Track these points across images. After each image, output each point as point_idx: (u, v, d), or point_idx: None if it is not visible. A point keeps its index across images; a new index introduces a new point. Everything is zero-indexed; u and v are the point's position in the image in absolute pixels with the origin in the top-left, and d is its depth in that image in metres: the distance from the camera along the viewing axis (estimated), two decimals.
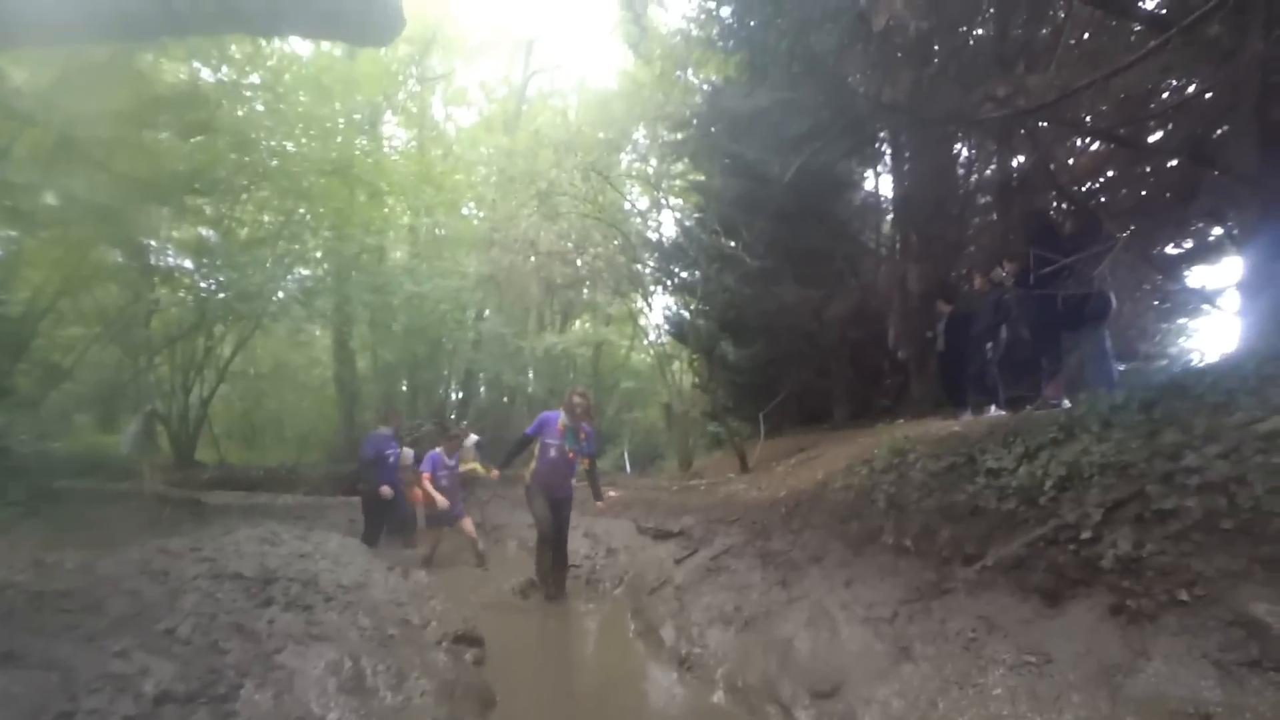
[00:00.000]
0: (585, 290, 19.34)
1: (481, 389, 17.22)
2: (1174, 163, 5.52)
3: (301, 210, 11.29)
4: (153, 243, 10.09)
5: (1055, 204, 6.51)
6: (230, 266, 10.01)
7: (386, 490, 6.91)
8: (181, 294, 11.17)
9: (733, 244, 10.98)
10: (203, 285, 10.72)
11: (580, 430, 5.37)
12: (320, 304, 12.06)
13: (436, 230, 16.44)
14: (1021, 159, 6.99)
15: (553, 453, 5.30)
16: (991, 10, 5.06)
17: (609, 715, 2.97)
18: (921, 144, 7.88)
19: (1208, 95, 4.71)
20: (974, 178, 8.42)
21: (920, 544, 3.40)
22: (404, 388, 16.92)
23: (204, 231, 11.00)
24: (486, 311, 15.94)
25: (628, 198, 15.97)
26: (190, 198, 9.46)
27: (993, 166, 7.90)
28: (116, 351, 11.29)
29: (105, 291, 10.45)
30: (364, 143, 13.14)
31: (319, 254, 11.92)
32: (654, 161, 15.58)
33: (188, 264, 10.74)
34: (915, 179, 8.57)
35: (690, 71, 11.64)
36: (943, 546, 3.23)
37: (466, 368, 16.12)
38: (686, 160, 13.39)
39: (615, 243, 15.44)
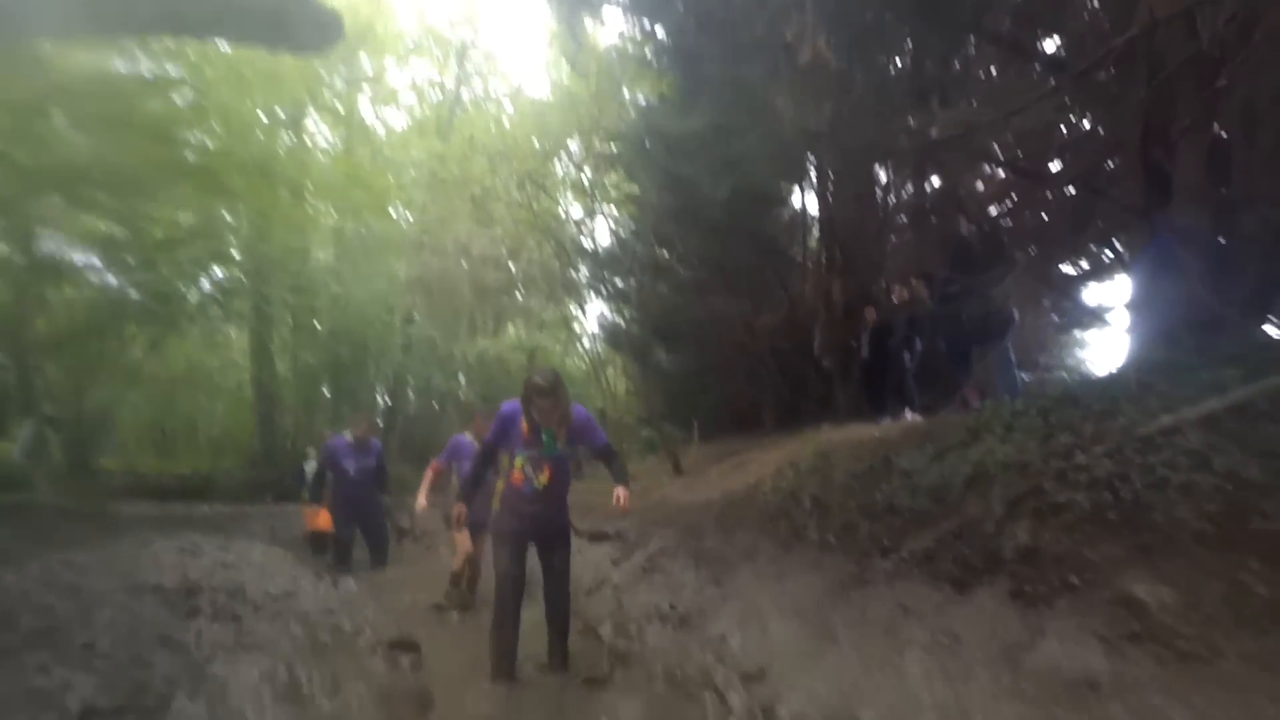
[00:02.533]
0: (519, 296, 19.23)
1: (410, 394, 16.81)
2: (1071, 190, 6.07)
3: (221, 209, 10.77)
4: (43, 236, 9.41)
5: (966, 226, 7.03)
6: (143, 265, 9.45)
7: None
8: (80, 292, 10.46)
9: (667, 254, 11.24)
10: (111, 283, 10.07)
11: (561, 426, 3.25)
12: (238, 304, 11.53)
13: (363, 232, 16.01)
14: (935, 182, 7.52)
15: (525, 469, 3.27)
16: (908, 50, 5.46)
17: (552, 711, 3.03)
18: (844, 167, 8.32)
19: (1100, 132, 5.23)
20: (892, 199, 8.95)
21: (842, 540, 3.63)
22: (326, 392, 16.34)
23: (109, 228, 10.32)
24: (415, 315, 15.61)
25: (562, 205, 16.06)
26: (92, 191, 8.86)
27: (909, 189, 8.43)
28: None
29: None
30: (288, 140, 12.67)
31: (238, 255, 11.38)
32: (589, 171, 15.72)
33: (92, 260, 10.07)
34: (839, 199, 9.02)
35: (626, 88, 11.87)
36: (863, 541, 3.46)
37: (395, 373, 15.72)
38: (621, 172, 13.58)
39: (550, 249, 15.49)
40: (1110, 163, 5.53)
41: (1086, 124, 5.59)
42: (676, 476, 8.26)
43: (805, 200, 10.71)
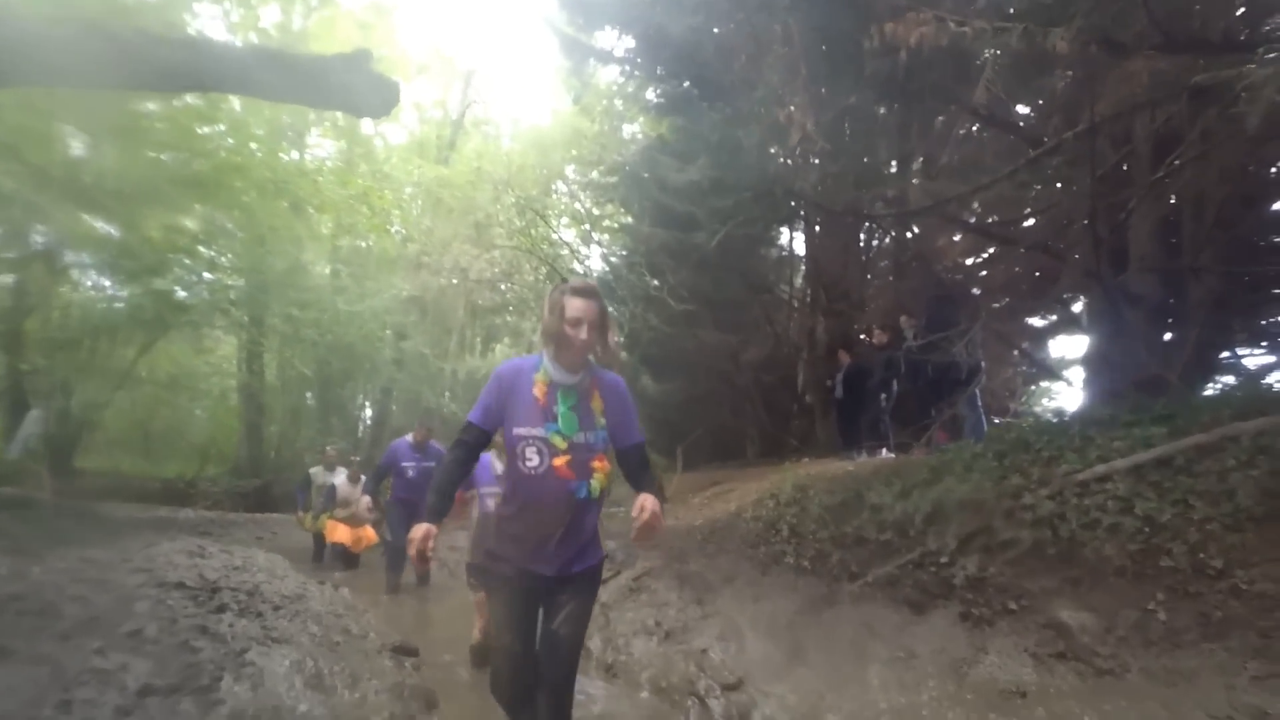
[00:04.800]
0: (509, 317, 19.56)
1: (394, 408, 16.99)
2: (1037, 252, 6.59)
3: (228, 220, 11.03)
4: (42, 234, 9.58)
5: (941, 277, 7.53)
6: (142, 269, 9.65)
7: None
8: (75, 291, 10.63)
9: (658, 285, 11.66)
10: (106, 285, 10.27)
11: (589, 394, 2.12)
12: (238, 314, 11.75)
13: (362, 248, 16.30)
14: (915, 233, 8.04)
15: (531, 463, 2.03)
16: (890, 124, 5.97)
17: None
18: (830, 217, 8.84)
19: (1062, 202, 5.76)
20: (875, 245, 9.47)
21: (816, 566, 4.00)
22: (310, 401, 16.45)
23: (109, 229, 10.51)
24: (407, 332, 15.88)
25: (557, 231, 16.50)
26: (94, 191, 9.04)
27: (890, 238, 8.96)
28: None
29: None
30: (296, 156, 12.97)
31: (239, 264, 11.61)
32: (586, 199, 16.21)
33: (87, 261, 10.26)
34: (824, 244, 9.53)
35: (626, 125, 12.40)
36: (834, 568, 3.83)
37: (383, 386, 15.92)
38: (618, 203, 14.02)
39: (544, 273, 15.88)
40: (1070, 229, 6.05)
41: (1049, 194, 6.13)
42: (661, 503, 8.55)
43: (793, 240, 11.24)
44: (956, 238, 7.67)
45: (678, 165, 6.88)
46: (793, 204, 6.30)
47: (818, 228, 9.57)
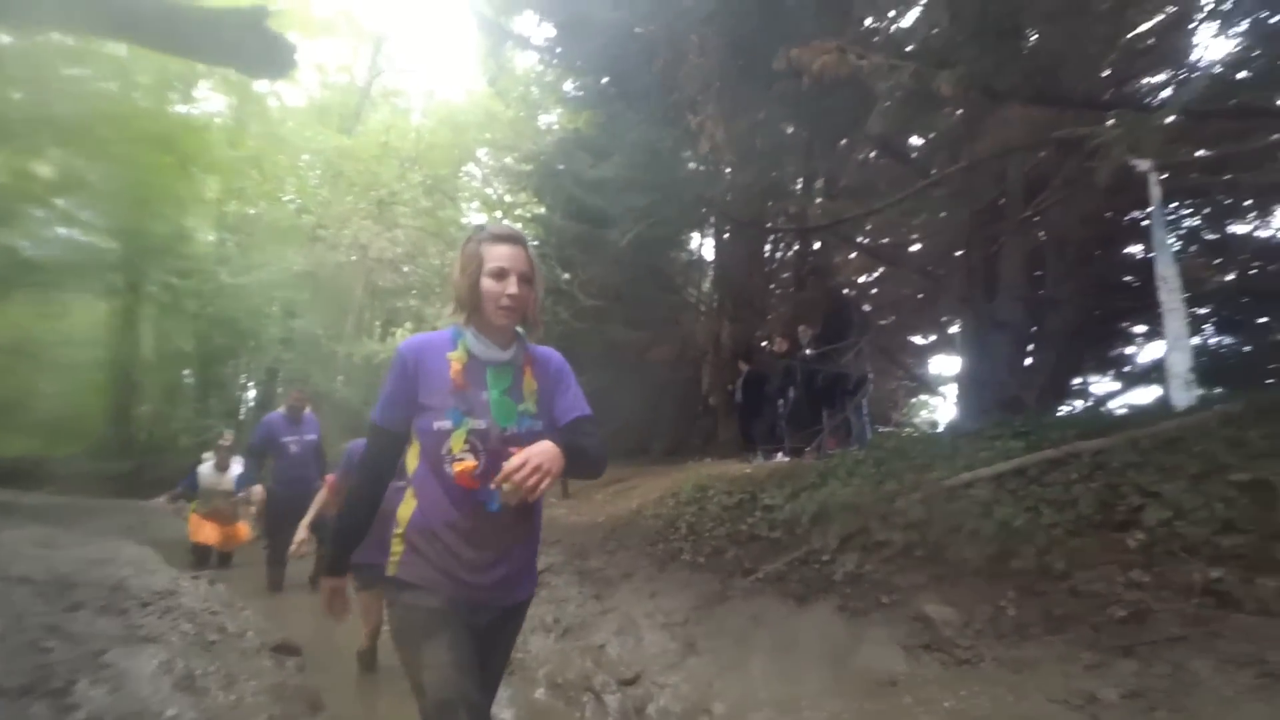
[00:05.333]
0: (413, 300, 18.84)
1: (280, 390, 15.99)
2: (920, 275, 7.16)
3: (94, 172, 9.90)
4: None
5: (837, 292, 8.01)
6: None
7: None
8: None
9: (568, 278, 11.63)
10: None
11: (522, 376, 1.64)
12: (112, 278, 10.64)
13: (252, 214, 15.16)
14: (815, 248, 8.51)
15: (458, 467, 1.53)
16: (796, 143, 6.27)
17: None
18: (736, 226, 9.15)
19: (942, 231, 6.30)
20: (778, 256, 9.90)
21: (711, 562, 4.17)
22: (189, 379, 15.19)
23: None
24: (298, 310, 14.95)
25: (467, 215, 16.06)
26: None
27: (793, 251, 9.41)
28: None
29: None
30: (182, 110, 11.93)
31: (112, 224, 10.51)
32: (498, 185, 15.86)
33: None
34: (731, 251, 9.86)
35: (542, 115, 12.24)
36: (728, 564, 4.02)
37: (269, 366, 14.92)
38: (531, 192, 13.81)
39: (450, 256, 15.38)
40: (949, 256, 6.61)
41: (934, 223, 6.68)
42: (564, 499, 8.58)
43: (702, 246, 11.53)
44: (852, 255, 8.17)
45: (593, 160, 6.88)
46: (703, 210, 6.50)
47: (726, 235, 9.88)
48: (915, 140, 6.74)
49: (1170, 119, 3.65)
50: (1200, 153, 5.04)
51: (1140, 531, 2.89)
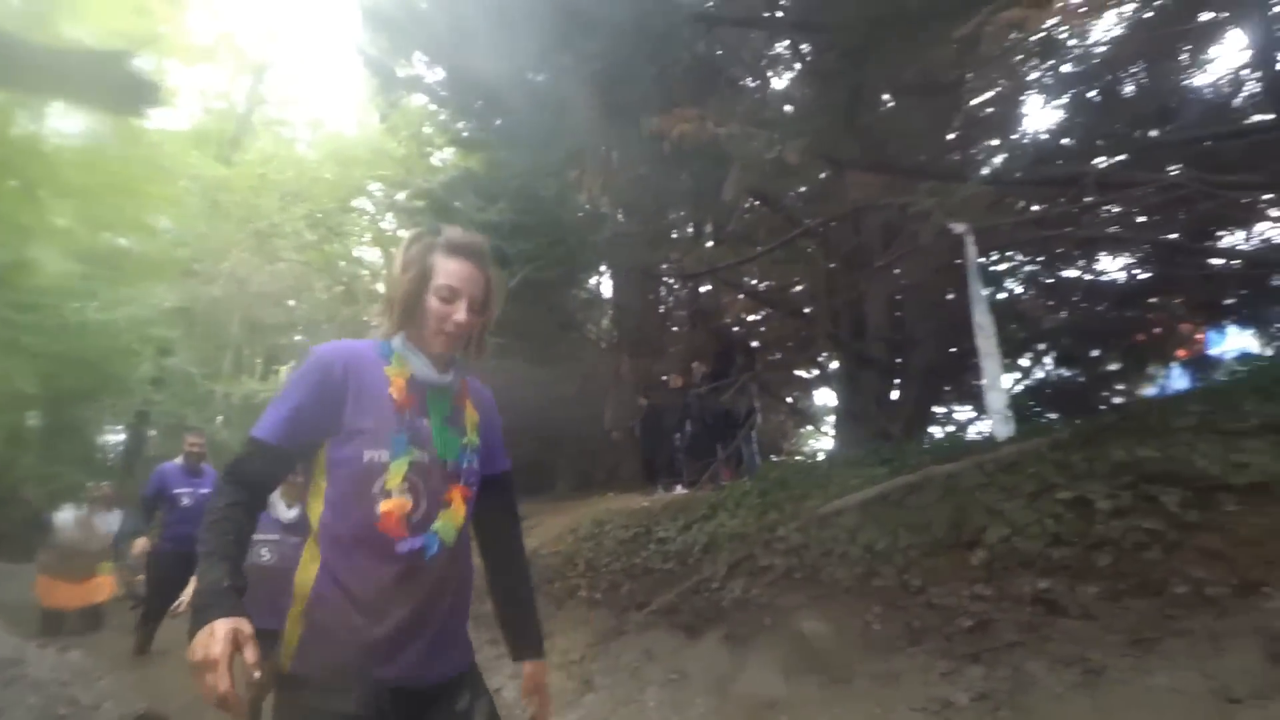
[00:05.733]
0: (298, 336, 17.91)
1: (153, 433, 14.66)
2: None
3: None
4: None
5: (727, 330, 8.45)
6: None
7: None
8: None
9: None
10: None
11: (463, 405, 1.44)
12: None
13: (118, 246, 13.97)
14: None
15: (376, 506, 1.23)
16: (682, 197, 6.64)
17: None
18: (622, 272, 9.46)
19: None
20: (672, 298, 10.30)
21: (608, 597, 4.26)
22: (35, 423, 13.60)
23: None
24: (171, 347, 13.84)
25: (356, 250, 15.60)
26: None
27: (685, 291, 9.84)
28: None
29: None
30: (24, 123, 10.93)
31: None
32: (391, 220, 15.52)
33: None
34: (627, 291, 10.14)
35: (436, 153, 12.19)
36: (623, 599, 4.12)
37: (137, 408, 13.65)
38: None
39: (339, 292, 14.87)
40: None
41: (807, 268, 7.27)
42: None
43: (600, 284, 11.77)
44: (740, 296, 8.66)
45: (482, 204, 6.90)
46: (591, 255, 6.71)
47: (623, 274, 10.16)
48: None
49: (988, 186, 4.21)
50: (1029, 207, 5.77)
51: (983, 549, 3.25)
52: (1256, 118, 4.59)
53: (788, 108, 4.08)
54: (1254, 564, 2.55)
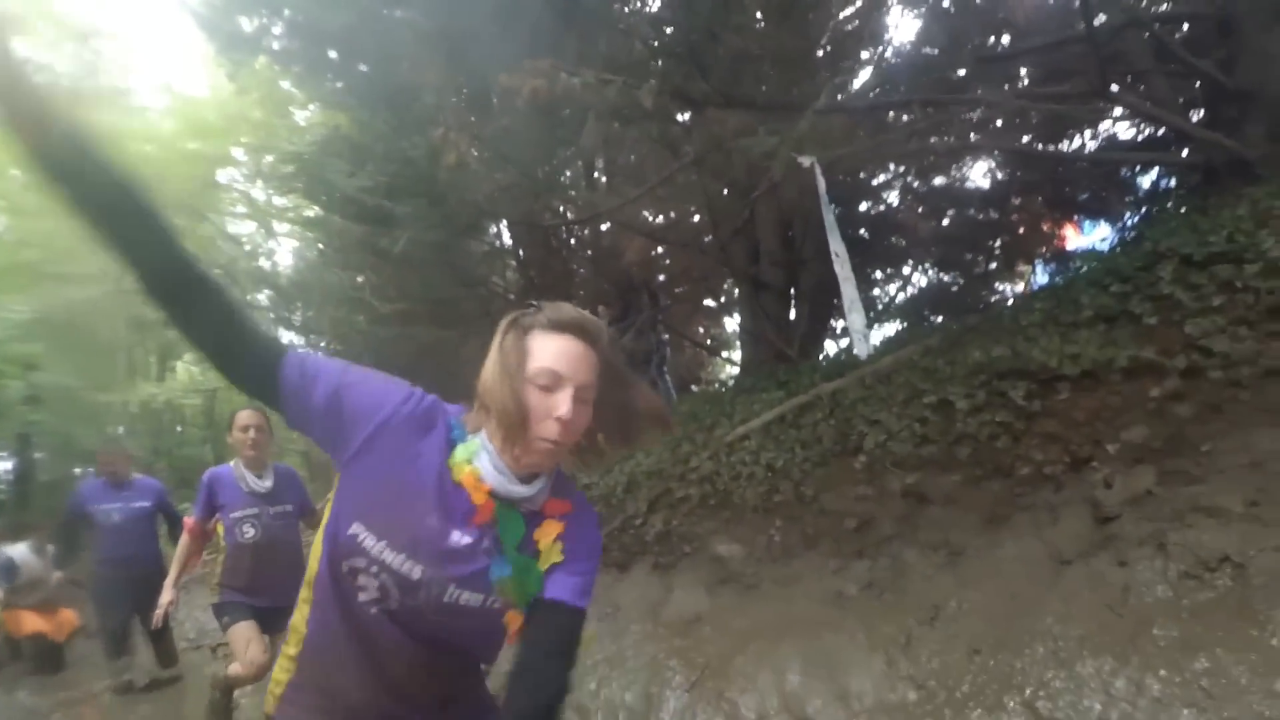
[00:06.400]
0: None
1: (39, 455, 13.59)
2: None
3: None
4: None
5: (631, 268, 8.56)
6: None
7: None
8: None
9: (360, 282, 11.07)
10: None
11: (539, 526, 1.14)
12: None
13: None
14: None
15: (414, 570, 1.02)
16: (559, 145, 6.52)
17: None
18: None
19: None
20: (572, 243, 10.27)
21: None
22: None
23: None
24: (39, 362, 12.66)
25: (230, 225, 14.55)
26: None
27: (586, 234, 9.82)
28: None
29: None
30: None
31: None
32: (261, 188, 14.44)
33: None
34: (528, 239, 10.03)
35: (298, 111, 11.31)
36: None
37: (17, 431, 12.59)
38: (300, 194, 12.80)
39: (219, 274, 13.87)
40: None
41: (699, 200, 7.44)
42: None
43: (500, 236, 11.55)
44: (639, 236, 8.74)
45: (351, 168, 6.45)
46: (472, 213, 6.55)
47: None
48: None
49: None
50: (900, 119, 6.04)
51: (863, 454, 3.65)
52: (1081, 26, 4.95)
53: (638, 44, 4.04)
54: (1084, 442, 2.98)
